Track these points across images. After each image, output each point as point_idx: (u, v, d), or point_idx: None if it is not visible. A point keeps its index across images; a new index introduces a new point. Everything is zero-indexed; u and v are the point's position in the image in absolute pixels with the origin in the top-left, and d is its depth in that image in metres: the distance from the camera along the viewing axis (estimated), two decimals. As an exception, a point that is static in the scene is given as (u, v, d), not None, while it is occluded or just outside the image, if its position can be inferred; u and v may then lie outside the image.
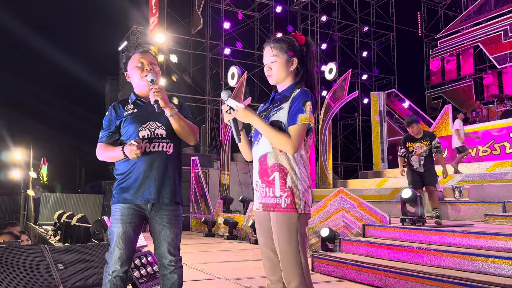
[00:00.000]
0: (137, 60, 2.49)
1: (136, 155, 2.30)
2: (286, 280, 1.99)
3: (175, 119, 2.37)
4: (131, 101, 2.50)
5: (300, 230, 1.98)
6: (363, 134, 18.59)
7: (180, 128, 2.40)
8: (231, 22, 16.08)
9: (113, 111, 2.49)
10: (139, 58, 2.49)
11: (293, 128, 1.97)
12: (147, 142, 2.37)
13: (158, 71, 2.51)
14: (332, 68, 13.33)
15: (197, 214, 11.62)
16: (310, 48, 2.13)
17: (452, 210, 7.17)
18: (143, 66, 2.47)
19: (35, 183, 17.95)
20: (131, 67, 2.51)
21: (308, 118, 1.98)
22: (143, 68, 2.47)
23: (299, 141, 1.96)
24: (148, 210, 2.39)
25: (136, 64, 2.48)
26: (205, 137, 15.97)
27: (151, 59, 2.51)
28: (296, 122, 1.97)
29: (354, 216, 5.99)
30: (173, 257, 2.40)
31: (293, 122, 1.97)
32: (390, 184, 10.16)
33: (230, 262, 6.17)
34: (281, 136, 1.97)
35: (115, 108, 2.49)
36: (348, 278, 4.68)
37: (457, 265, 4.07)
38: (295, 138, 1.95)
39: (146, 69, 2.46)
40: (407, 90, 15.90)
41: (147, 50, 2.56)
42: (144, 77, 2.45)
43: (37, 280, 3.36)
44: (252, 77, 16.40)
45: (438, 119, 12.13)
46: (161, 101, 2.30)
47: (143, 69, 2.46)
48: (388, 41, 19.20)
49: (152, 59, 2.51)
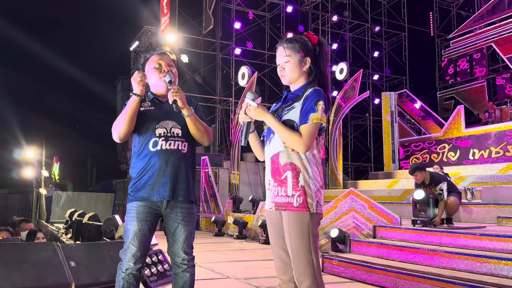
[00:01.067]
0: (155, 61, 2.52)
1: (140, 77, 2.39)
2: (298, 280, 1.99)
3: (192, 119, 2.41)
4: (148, 99, 2.53)
5: (312, 230, 1.98)
6: (374, 134, 18.48)
7: (195, 129, 2.44)
8: (242, 22, 16.11)
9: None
10: (157, 59, 2.53)
11: (305, 127, 1.97)
12: (163, 140, 2.40)
13: (175, 72, 2.56)
14: (343, 68, 13.27)
15: (207, 214, 11.66)
16: (323, 48, 2.13)
17: (464, 212, 7.10)
18: (161, 67, 2.51)
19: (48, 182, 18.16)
20: (149, 68, 2.54)
21: (319, 117, 1.98)
22: (161, 70, 2.51)
23: (311, 140, 1.96)
24: (164, 207, 2.40)
25: (154, 65, 2.51)
26: (215, 137, 16.00)
27: (168, 60, 2.55)
28: (308, 121, 1.97)
29: (364, 217, 5.96)
30: (186, 255, 2.42)
31: (305, 121, 1.98)
32: (401, 185, 10.09)
33: (240, 261, 6.18)
34: (293, 134, 1.97)
35: None
36: (359, 279, 4.66)
37: (469, 267, 4.03)
38: (306, 137, 1.95)
39: (164, 70, 2.50)
40: (418, 91, 15.79)
41: (165, 52, 2.60)
42: (162, 77, 2.49)
43: (49, 277, 3.39)
44: (262, 77, 16.41)
45: (450, 120, 12.02)
46: (179, 101, 2.35)
47: (161, 71, 2.51)
48: (399, 41, 19.07)
49: (169, 60, 2.56)
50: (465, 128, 11.59)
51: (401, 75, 19.12)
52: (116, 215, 5.17)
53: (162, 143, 2.40)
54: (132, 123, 2.39)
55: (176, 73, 2.56)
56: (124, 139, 2.44)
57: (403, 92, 14.26)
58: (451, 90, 17.15)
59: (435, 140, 12.36)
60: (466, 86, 16.62)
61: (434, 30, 18.96)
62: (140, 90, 2.40)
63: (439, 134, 12.34)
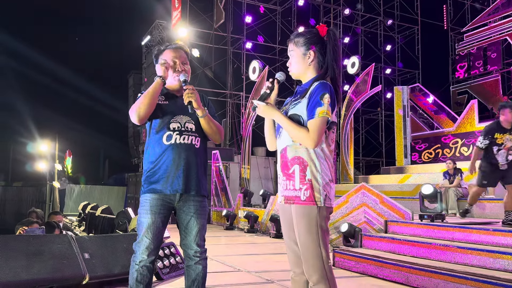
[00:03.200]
0: (170, 57, 2.53)
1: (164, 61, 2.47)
2: (307, 273, 1.99)
3: (206, 120, 2.45)
4: (162, 93, 2.54)
5: (320, 223, 1.97)
6: (386, 129, 18.35)
7: (208, 128, 2.48)
8: (253, 16, 16.06)
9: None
10: (172, 56, 2.53)
11: (311, 123, 1.96)
12: (177, 134, 2.43)
13: (188, 70, 2.57)
14: (355, 62, 13.16)
15: (217, 207, 11.72)
16: (332, 40, 2.11)
17: (477, 207, 7.03)
18: (175, 65, 2.52)
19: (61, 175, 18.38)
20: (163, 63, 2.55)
21: (326, 111, 1.96)
22: (175, 68, 2.52)
23: (319, 135, 1.95)
24: (176, 201, 2.43)
25: (169, 62, 2.52)
26: (226, 131, 16.03)
27: (183, 58, 2.56)
28: (314, 116, 1.95)
29: (376, 212, 5.94)
30: (199, 248, 2.45)
31: (311, 116, 1.96)
32: (413, 180, 10.02)
33: (251, 255, 6.21)
34: (300, 131, 1.97)
35: None
36: (370, 273, 4.65)
37: (482, 262, 4.00)
38: (314, 133, 1.95)
39: (178, 69, 2.52)
40: (431, 85, 15.61)
41: (180, 47, 2.60)
42: (176, 77, 2.51)
43: (64, 268, 3.45)
44: (273, 71, 16.35)
45: (463, 114, 11.88)
46: (195, 102, 2.38)
47: (175, 69, 2.52)
48: (412, 35, 18.85)
49: (184, 57, 2.57)
50: (479, 123, 11.44)
51: (414, 69, 18.92)
52: (129, 208, 5.23)
53: (176, 137, 2.42)
54: (153, 105, 2.40)
55: (189, 70, 2.58)
56: (143, 120, 2.41)
57: (415, 86, 14.10)
58: (465, 84, 16.92)
59: (448, 135, 12.23)
60: (480, 80, 16.38)
61: (447, 24, 18.69)
62: (163, 72, 2.45)
63: (452, 128, 12.21)
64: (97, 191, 17.61)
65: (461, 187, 7.76)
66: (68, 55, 29.68)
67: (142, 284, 2.36)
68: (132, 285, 2.37)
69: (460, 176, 7.89)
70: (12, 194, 18.93)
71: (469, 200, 6.02)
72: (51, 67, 26.28)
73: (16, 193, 19.14)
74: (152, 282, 2.50)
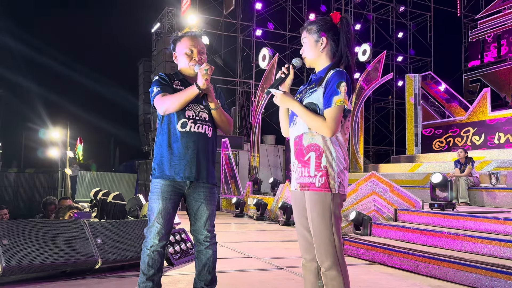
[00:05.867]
0: (188, 46, 2.53)
1: (206, 70, 2.32)
2: (319, 259, 2.01)
3: (218, 112, 2.49)
4: (178, 78, 2.56)
5: (334, 211, 1.99)
6: (397, 117, 18.20)
7: (220, 120, 2.53)
8: (263, 3, 15.91)
9: (165, 76, 2.53)
10: (189, 45, 2.53)
11: (328, 111, 1.96)
12: (192, 123, 2.44)
13: (205, 59, 2.56)
14: (366, 49, 13.03)
15: (227, 195, 11.79)
16: (345, 27, 2.10)
17: (488, 196, 6.99)
18: (192, 54, 2.52)
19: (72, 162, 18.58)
20: (181, 52, 2.56)
21: (343, 100, 1.97)
22: (192, 57, 2.52)
23: (336, 123, 1.96)
24: (186, 187, 2.46)
25: (186, 51, 2.53)
26: (235, 119, 16.04)
27: (201, 47, 2.55)
28: (332, 105, 1.96)
29: (386, 201, 5.93)
30: (209, 233, 2.49)
31: (328, 104, 1.97)
32: (424, 169, 9.97)
33: (260, 242, 6.26)
34: (317, 119, 1.97)
35: (164, 77, 2.52)
36: (379, 261, 4.67)
37: (492, 251, 3.98)
38: (331, 121, 1.95)
39: (195, 59, 2.52)
40: (443, 73, 15.42)
41: (199, 35, 2.60)
42: (192, 66, 2.51)
43: (77, 253, 3.52)
44: (283, 58, 16.26)
45: (476, 103, 11.73)
46: (209, 97, 2.42)
47: (192, 58, 2.52)
48: (425, 22, 18.56)
49: (202, 46, 2.56)
50: (491, 111, 11.31)
51: (426, 56, 18.67)
52: (140, 195, 5.28)
53: (191, 125, 2.44)
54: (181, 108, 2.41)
55: (205, 59, 2.56)
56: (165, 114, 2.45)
57: (427, 74, 13.93)
58: (477, 72, 16.67)
59: (459, 123, 12.11)
60: (493, 68, 16.12)
61: (461, 10, 18.36)
62: (203, 84, 2.34)
63: (463, 117, 12.08)
64: (108, 178, 17.79)
65: (472, 176, 7.71)
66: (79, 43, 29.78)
67: (154, 269, 2.40)
68: (143, 269, 2.41)
69: (472, 165, 7.83)
70: (25, 181, 19.20)
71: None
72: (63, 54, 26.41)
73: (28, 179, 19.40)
74: (163, 267, 2.54)
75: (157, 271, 2.41)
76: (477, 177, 7.74)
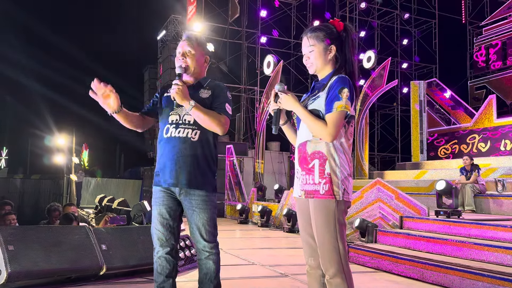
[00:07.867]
0: (178, 49, 2.56)
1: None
2: (324, 266, 2.00)
3: (193, 113, 2.36)
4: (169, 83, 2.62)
5: (338, 217, 1.98)
6: (402, 124, 18.15)
7: (199, 120, 2.38)
8: (268, 10, 15.99)
9: (159, 91, 2.66)
10: (178, 47, 2.56)
11: (329, 116, 1.97)
12: (173, 128, 2.44)
13: (191, 59, 2.50)
14: (371, 56, 13.05)
15: (231, 201, 11.77)
16: (349, 35, 2.11)
17: (494, 204, 6.94)
18: (179, 56, 2.53)
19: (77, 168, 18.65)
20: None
21: (344, 105, 1.96)
22: (178, 59, 2.53)
23: (336, 128, 1.96)
24: (178, 194, 2.43)
25: (176, 54, 2.56)
26: (240, 126, 16.06)
27: (187, 49, 2.50)
28: (332, 110, 1.97)
29: (391, 208, 5.91)
30: (207, 243, 2.41)
31: (330, 110, 1.98)
32: (429, 176, 9.91)
33: (265, 249, 6.24)
34: (319, 123, 1.98)
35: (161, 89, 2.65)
36: (384, 269, 4.64)
37: (499, 259, 3.95)
38: (331, 126, 1.96)
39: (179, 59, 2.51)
40: (449, 79, 15.35)
41: (187, 37, 2.57)
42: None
43: (82, 259, 3.52)
44: (288, 65, 16.29)
45: (481, 110, 11.68)
46: (177, 98, 2.33)
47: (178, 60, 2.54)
48: (429, 29, 18.56)
49: (188, 49, 2.50)
50: (497, 118, 11.25)
51: (431, 63, 18.65)
52: (145, 201, 5.29)
53: (172, 130, 2.44)
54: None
55: (193, 57, 2.50)
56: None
57: (432, 81, 13.90)
58: (483, 79, 16.60)
59: (465, 130, 12.05)
60: (499, 75, 16.05)
61: (466, 17, 18.35)
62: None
63: (469, 124, 12.03)
64: (113, 184, 17.82)
65: (478, 183, 7.66)
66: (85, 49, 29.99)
67: (162, 275, 2.39)
68: (154, 277, 2.43)
69: (477, 172, 7.78)
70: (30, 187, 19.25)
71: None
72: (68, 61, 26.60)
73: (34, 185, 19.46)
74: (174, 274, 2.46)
75: (167, 278, 2.39)
76: (483, 184, 7.68)
